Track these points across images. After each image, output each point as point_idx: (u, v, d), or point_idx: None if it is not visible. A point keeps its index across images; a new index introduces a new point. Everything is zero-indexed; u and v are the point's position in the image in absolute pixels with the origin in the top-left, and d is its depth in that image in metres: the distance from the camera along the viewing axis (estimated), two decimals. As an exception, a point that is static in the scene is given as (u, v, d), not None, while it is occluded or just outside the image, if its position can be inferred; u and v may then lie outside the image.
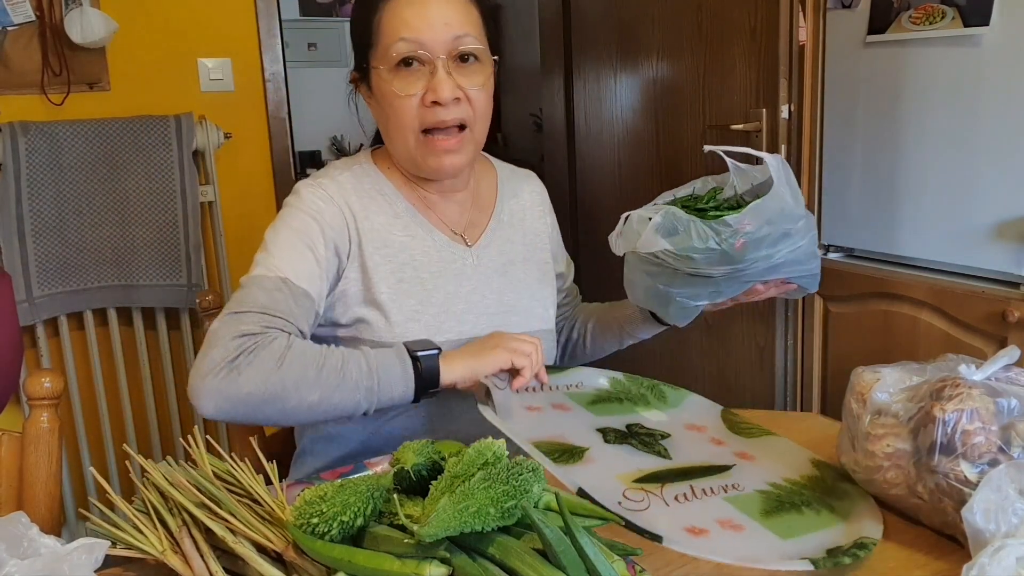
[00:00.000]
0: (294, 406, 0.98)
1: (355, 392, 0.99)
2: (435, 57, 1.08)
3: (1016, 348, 0.86)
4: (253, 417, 0.98)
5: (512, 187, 1.31)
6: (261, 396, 0.96)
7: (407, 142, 1.13)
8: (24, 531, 0.76)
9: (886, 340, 2.02)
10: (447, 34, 1.08)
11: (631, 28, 2.57)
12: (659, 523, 0.80)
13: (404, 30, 1.08)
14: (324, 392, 0.98)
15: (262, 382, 0.96)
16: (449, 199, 1.21)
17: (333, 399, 0.99)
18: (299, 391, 0.97)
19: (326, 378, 0.98)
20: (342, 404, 1.00)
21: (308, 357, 0.99)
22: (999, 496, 0.71)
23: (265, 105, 2.46)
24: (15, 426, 1.01)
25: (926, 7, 1.83)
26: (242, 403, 0.96)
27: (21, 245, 2.13)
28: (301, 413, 0.99)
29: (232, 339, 0.97)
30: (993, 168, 1.77)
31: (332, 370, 0.99)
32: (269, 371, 0.96)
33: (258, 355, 0.96)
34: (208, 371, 0.95)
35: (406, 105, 1.09)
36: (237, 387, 0.95)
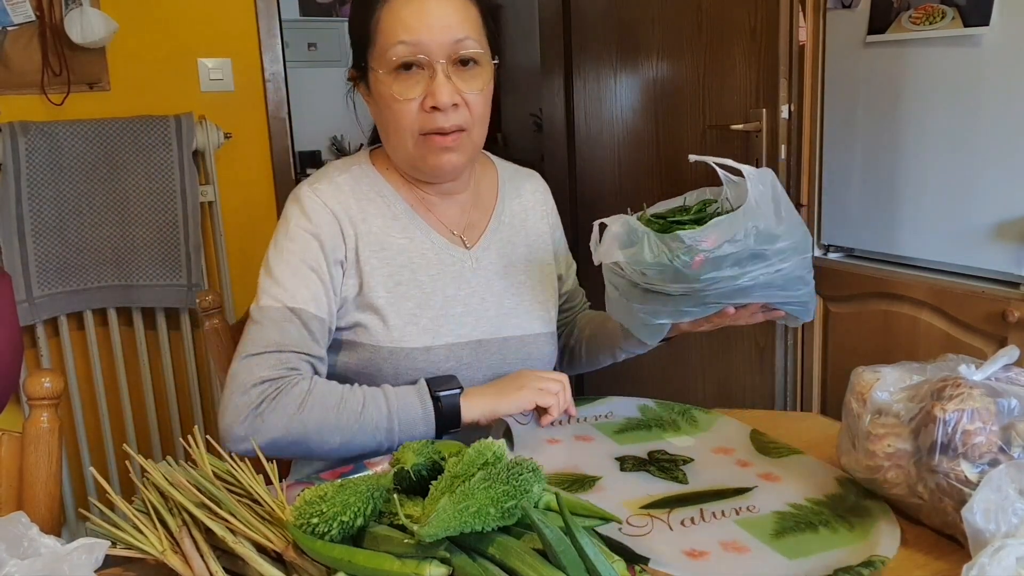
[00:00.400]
0: (316, 447, 1.02)
1: (375, 433, 1.03)
2: (435, 61, 1.06)
3: (1016, 348, 0.85)
4: (280, 455, 1.04)
5: (514, 187, 1.29)
6: (286, 441, 1.01)
7: (405, 144, 1.11)
8: (24, 531, 0.76)
9: (886, 340, 2.02)
10: (447, 36, 1.06)
11: (631, 28, 2.57)
12: (657, 547, 0.80)
13: (403, 32, 1.05)
14: (344, 436, 1.02)
15: (284, 428, 1.00)
16: (449, 200, 1.20)
17: (354, 441, 1.03)
18: (320, 435, 1.01)
19: (346, 422, 1.02)
20: (363, 445, 1.03)
21: (328, 401, 1.02)
22: (999, 496, 0.71)
23: (265, 105, 2.46)
24: (15, 426, 1.01)
25: (926, 7, 1.83)
26: (269, 447, 1.00)
27: (21, 245, 2.13)
28: (324, 454, 1.04)
29: (253, 386, 1.01)
30: (993, 168, 1.77)
31: (352, 414, 1.02)
32: (291, 417, 1.00)
33: (280, 401, 1.00)
34: (233, 420, 1.00)
35: (405, 109, 1.08)
36: (262, 434, 1.00)
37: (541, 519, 0.67)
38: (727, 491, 0.92)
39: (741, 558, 0.79)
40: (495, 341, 1.17)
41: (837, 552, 0.79)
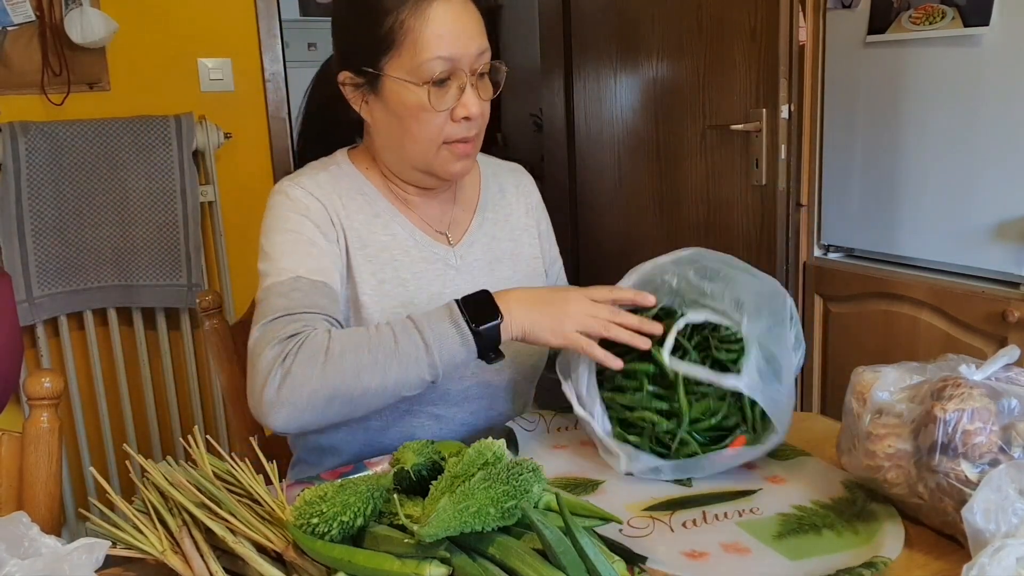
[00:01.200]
0: (359, 395, 0.95)
1: (417, 367, 0.96)
2: (464, 74, 1.06)
3: (1016, 348, 0.85)
4: (324, 417, 0.96)
5: (497, 182, 1.29)
6: (323, 394, 0.94)
7: (425, 153, 1.10)
8: (25, 531, 0.76)
9: (886, 340, 2.02)
10: (474, 49, 1.06)
11: (631, 28, 2.57)
12: (657, 548, 0.80)
13: (442, 46, 1.04)
14: (384, 374, 0.95)
15: (318, 379, 0.93)
16: (431, 198, 1.19)
17: (395, 379, 0.95)
18: (358, 378, 0.94)
19: (383, 359, 0.95)
20: (406, 381, 0.96)
21: (356, 342, 0.96)
22: (999, 496, 0.71)
23: (265, 105, 2.46)
24: (15, 426, 1.01)
25: (926, 7, 1.83)
26: (308, 407, 0.94)
27: (21, 245, 2.13)
28: (369, 400, 0.96)
29: (270, 348, 0.95)
30: (993, 168, 1.77)
31: (386, 351, 0.95)
32: (322, 365, 0.93)
33: (304, 352, 0.94)
34: (262, 386, 0.94)
35: (435, 119, 1.07)
36: (296, 392, 0.93)
37: (541, 519, 0.67)
38: (730, 493, 0.92)
39: (741, 559, 0.79)
40: None
41: (840, 555, 0.79)
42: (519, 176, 1.33)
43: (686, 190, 2.44)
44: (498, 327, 0.97)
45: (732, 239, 2.29)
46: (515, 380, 1.20)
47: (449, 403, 1.15)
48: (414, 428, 1.15)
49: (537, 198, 1.34)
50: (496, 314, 0.97)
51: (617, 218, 2.77)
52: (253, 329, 1.01)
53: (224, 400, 1.95)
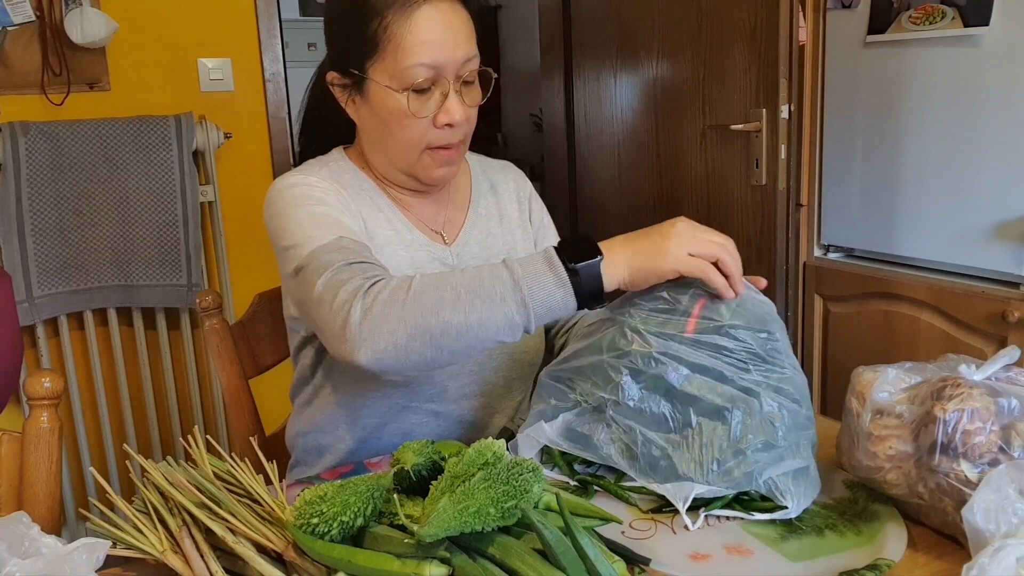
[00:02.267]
0: (440, 333, 0.88)
1: (503, 306, 0.88)
2: (448, 80, 1.05)
3: (1016, 348, 0.85)
4: (408, 356, 0.90)
5: (487, 179, 1.29)
6: (404, 332, 0.88)
7: (408, 156, 1.10)
8: (25, 531, 0.76)
9: (886, 340, 2.02)
10: (459, 56, 1.05)
11: (631, 28, 2.57)
12: (660, 551, 0.80)
13: (425, 53, 1.03)
14: (467, 312, 0.88)
15: (397, 316, 0.88)
16: (424, 199, 1.19)
17: (478, 317, 0.88)
18: (438, 314, 0.88)
19: (466, 297, 0.88)
20: (492, 321, 0.88)
21: (440, 280, 0.90)
22: (999, 496, 0.71)
23: (265, 105, 2.46)
24: (15, 426, 1.01)
25: (926, 7, 1.83)
26: (391, 345, 0.88)
27: (21, 245, 2.13)
28: (452, 341, 0.89)
29: (349, 284, 0.91)
30: (993, 168, 1.77)
31: (470, 288, 0.89)
32: (400, 302, 0.89)
33: (385, 291, 0.90)
34: (342, 324, 0.90)
35: (418, 125, 1.06)
36: (377, 328, 0.88)
37: (541, 520, 0.67)
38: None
39: (744, 561, 0.79)
40: None
41: (842, 556, 0.79)
42: (508, 172, 1.33)
43: (686, 190, 2.44)
44: (599, 265, 0.89)
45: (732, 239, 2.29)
46: (513, 378, 1.20)
47: (447, 400, 1.15)
48: (412, 425, 1.15)
49: (529, 190, 1.33)
50: (596, 252, 0.89)
51: (617, 218, 2.76)
52: (312, 285, 0.96)
53: (224, 400, 1.95)
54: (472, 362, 1.15)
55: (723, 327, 0.89)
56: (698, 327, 0.89)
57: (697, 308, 0.89)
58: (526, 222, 1.30)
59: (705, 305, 0.90)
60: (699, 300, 0.90)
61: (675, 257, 0.89)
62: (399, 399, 1.13)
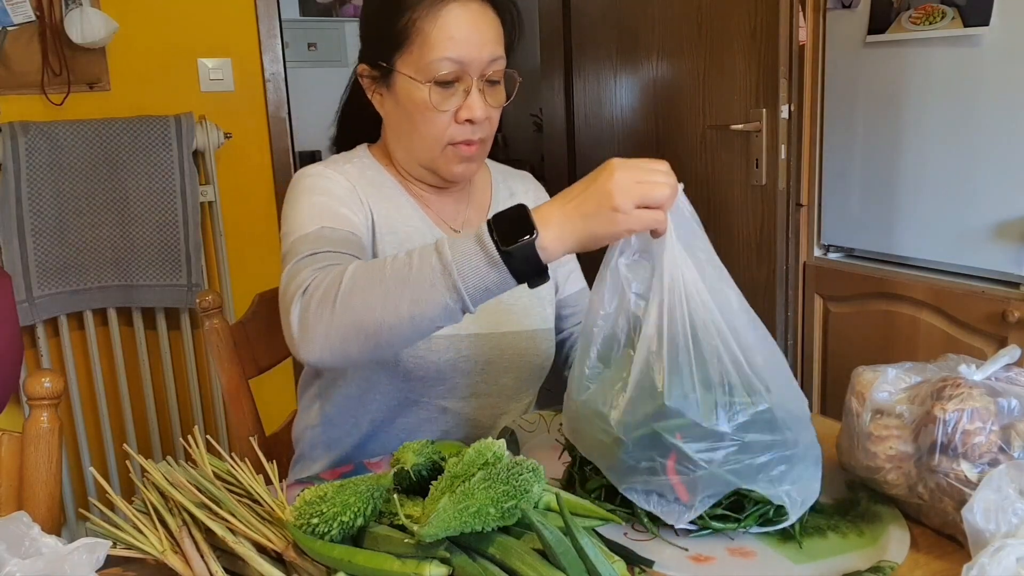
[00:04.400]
0: (375, 331, 0.87)
1: (433, 292, 0.84)
2: (471, 77, 1.08)
3: (1016, 348, 0.85)
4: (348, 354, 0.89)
5: (507, 186, 1.31)
6: (338, 333, 0.87)
7: (430, 150, 1.12)
8: (26, 531, 0.75)
9: (886, 340, 2.02)
10: (485, 55, 1.07)
11: (631, 28, 2.57)
12: (662, 552, 0.80)
13: (451, 48, 1.06)
14: (397, 305, 0.85)
15: (330, 317, 0.87)
16: (444, 196, 1.21)
17: (410, 309, 0.85)
18: (371, 313, 0.86)
19: (395, 289, 0.85)
20: (426, 311, 0.85)
21: (370, 274, 0.88)
22: (999, 496, 0.71)
23: (265, 105, 2.46)
24: (15, 426, 1.01)
25: (926, 7, 1.83)
26: (328, 346, 0.88)
27: (21, 245, 2.13)
28: (388, 336, 0.87)
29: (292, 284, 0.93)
30: (993, 168, 1.77)
31: (398, 279, 0.86)
32: (331, 303, 0.88)
33: (319, 290, 0.90)
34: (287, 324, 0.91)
35: (440, 119, 1.09)
36: (314, 330, 0.88)
37: (540, 521, 0.67)
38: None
39: (747, 563, 0.79)
40: (493, 336, 1.17)
41: (845, 558, 0.79)
42: (528, 182, 1.35)
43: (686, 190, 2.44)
44: (532, 245, 0.82)
45: (732, 239, 2.29)
46: (523, 379, 1.21)
47: (456, 397, 1.15)
48: (420, 420, 1.15)
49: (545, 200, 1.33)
50: (529, 228, 0.83)
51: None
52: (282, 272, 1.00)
53: (224, 400, 1.94)
54: (483, 361, 1.16)
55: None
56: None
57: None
58: None
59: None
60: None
61: (626, 218, 0.81)
62: (409, 393, 1.14)
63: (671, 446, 0.80)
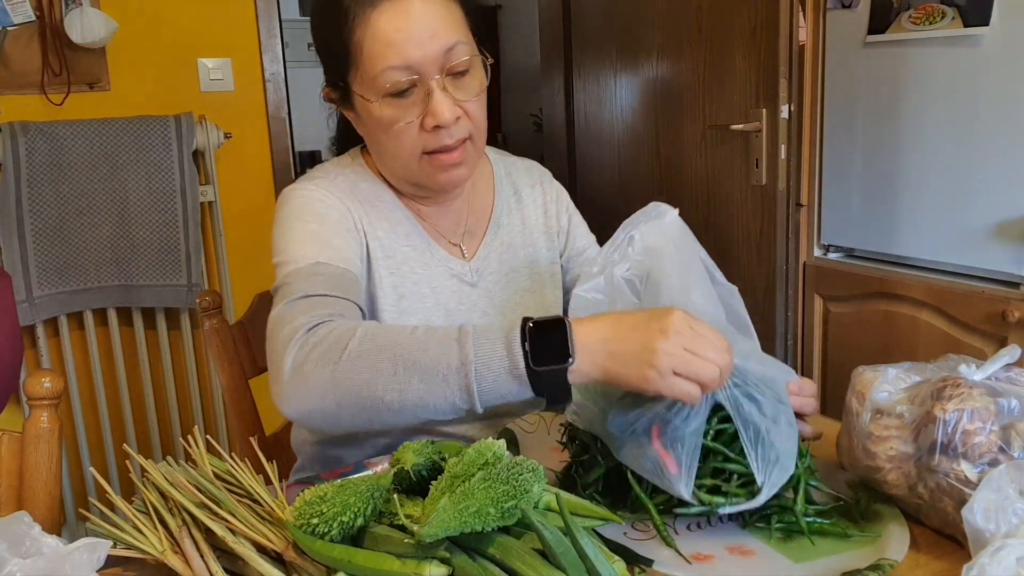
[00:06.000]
0: (371, 407, 0.82)
1: (444, 388, 0.79)
2: (429, 78, 0.96)
3: (1016, 348, 0.85)
4: (335, 421, 0.84)
5: (511, 183, 1.23)
6: (333, 398, 0.82)
7: (408, 167, 1.04)
8: (26, 530, 0.76)
9: (886, 340, 2.02)
10: (436, 47, 0.95)
11: (631, 28, 2.57)
12: (662, 552, 0.80)
13: (391, 55, 0.94)
14: (403, 389, 0.80)
15: (329, 381, 0.82)
16: (444, 209, 1.13)
17: (415, 397, 0.80)
18: (372, 388, 0.81)
19: (404, 371, 0.80)
20: (431, 402, 0.80)
21: (381, 343, 0.81)
22: (999, 496, 0.71)
23: (265, 105, 2.46)
24: (15, 426, 1.01)
25: (926, 7, 1.83)
26: (318, 408, 0.83)
27: (21, 245, 2.13)
28: (385, 416, 0.82)
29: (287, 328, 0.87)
30: (993, 168, 1.77)
31: (410, 361, 0.80)
32: (332, 365, 0.82)
33: (321, 345, 0.83)
34: (276, 373, 0.86)
35: (404, 133, 0.99)
36: (306, 389, 0.83)
37: (540, 521, 0.67)
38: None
39: (746, 562, 0.79)
40: None
41: (845, 556, 0.79)
42: (534, 173, 1.25)
43: (686, 190, 2.44)
44: (565, 372, 0.77)
45: (732, 239, 2.29)
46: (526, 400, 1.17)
47: (460, 422, 1.11)
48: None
49: (555, 191, 1.26)
50: (565, 353, 0.77)
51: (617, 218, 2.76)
52: (273, 309, 0.93)
53: (224, 400, 1.94)
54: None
55: None
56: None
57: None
58: (552, 229, 1.24)
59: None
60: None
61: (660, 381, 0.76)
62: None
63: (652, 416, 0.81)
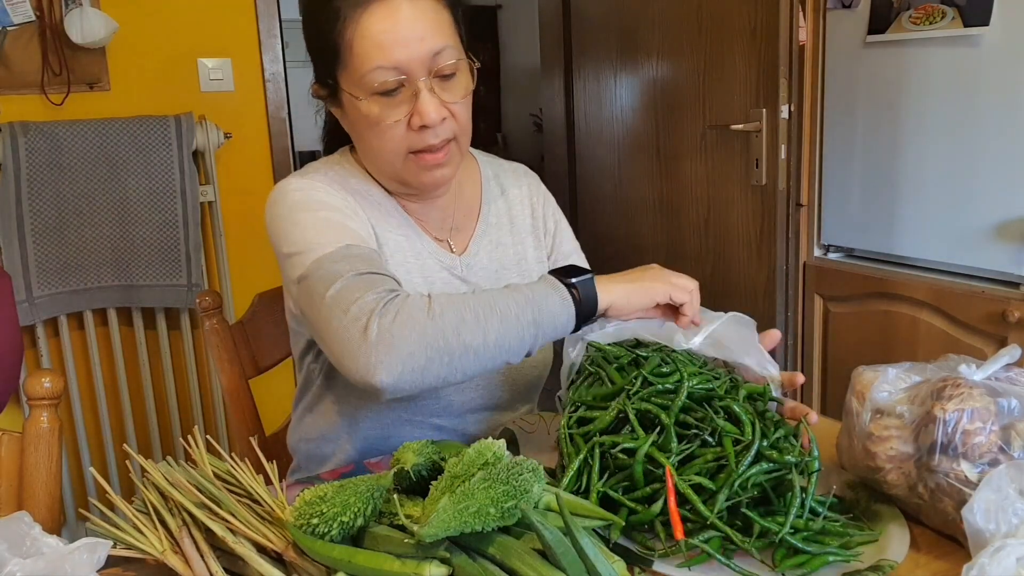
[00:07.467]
0: (460, 354, 0.89)
1: (518, 327, 0.91)
2: (416, 79, 0.99)
3: (1016, 348, 0.85)
4: (424, 377, 0.89)
5: (498, 184, 1.24)
6: (423, 354, 0.87)
7: (392, 164, 1.06)
8: (27, 530, 0.76)
9: (886, 340, 2.02)
10: (424, 50, 0.98)
11: (631, 28, 2.57)
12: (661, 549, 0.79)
13: (379, 56, 0.97)
14: (485, 332, 0.90)
15: (419, 337, 0.87)
16: (430, 205, 1.15)
17: (496, 336, 0.90)
18: (459, 336, 0.88)
19: (484, 316, 0.90)
20: (507, 342, 0.91)
21: (456, 301, 0.91)
22: (999, 496, 0.71)
23: (265, 105, 2.46)
24: (15, 426, 1.01)
25: (926, 7, 1.83)
26: (409, 367, 0.87)
27: (21, 245, 2.13)
28: (468, 362, 0.90)
29: (358, 306, 0.89)
30: (993, 168, 1.77)
31: (487, 309, 0.90)
32: (421, 324, 0.88)
33: (404, 311, 0.88)
34: (358, 343, 0.87)
35: (391, 131, 1.01)
36: (396, 350, 0.86)
37: (540, 521, 0.67)
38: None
39: (747, 562, 0.79)
40: None
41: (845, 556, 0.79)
42: (521, 176, 1.28)
43: (686, 190, 2.45)
44: (592, 281, 0.95)
45: (732, 239, 2.29)
46: (518, 392, 1.18)
47: (451, 414, 1.13)
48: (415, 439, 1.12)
49: (543, 195, 1.28)
50: (587, 271, 0.97)
51: (617, 218, 2.77)
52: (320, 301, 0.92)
53: (224, 400, 1.95)
54: (478, 377, 1.12)
55: None
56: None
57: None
58: (539, 230, 1.26)
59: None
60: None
61: (663, 287, 0.97)
62: (402, 412, 1.11)
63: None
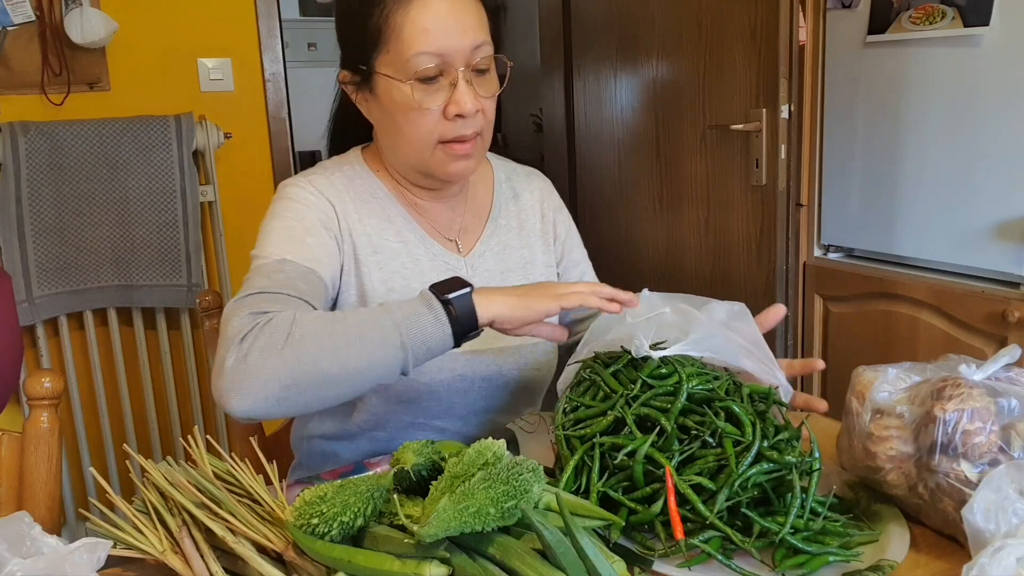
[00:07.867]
0: (318, 383, 0.87)
1: (383, 351, 0.88)
2: (455, 69, 1.02)
3: (1016, 348, 0.85)
4: (282, 406, 0.87)
5: (510, 186, 1.25)
6: (278, 383, 0.85)
7: (421, 152, 1.07)
8: (27, 530, 0.76)
9: (886, 340, 2.02)
10: (467, 43, 1.01)
11: (631, 28, 2.57)
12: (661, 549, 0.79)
13: (425, 42, 1.00)
14: (345, 360, 0.87)
15: (273, 366, 0.85)
16: (441, 203, 1.16)
17: (358, 365, 0.87)
18: (318, 365, 0.86)
19: (344, 344, 0.87)
20: (372, 368, 0.88)
21: (319, 327, 0.88)
22: (999, 496, 0.71)
23: (265, 105, 2.46)
24: (15, 426, 1.01)
25: (926, 7, 1.83)
26: (263, 396, 0.85)
27: (21, 245, 2.13)
28: (328, 390, 0.88)
29: (234, 327, 0.88)
30: (993, 168, 1.77)
31: (349, 335, 0.88)
32: (278, 351, 0.85)
33: (263, 336, 0.87)
34: (218, 370, 0.87)
35: (426, 117, 1.03)
36: (250, 378, 0.85)
37: (540, 521, 0.67)
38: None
39: (748, 561, 0.79)
40: (490, 351, 1.13)
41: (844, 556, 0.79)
42: (534, 181, 1.28)
43: (686, 190, 2.44)
44: (470, 296, 0.90)
45: (732, 239, 2.29)
46: (522, 395, 1.18)
47: (454, 417, 1.13)
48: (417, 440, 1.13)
49: (555, 202, 1.29)
50: (466, 286, 0.92)
51: (617, 218, 2.77)
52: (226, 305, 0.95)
53: (224, 400, 1.94)
54: (481, 380, 1.12)
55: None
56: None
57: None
58: (548, 235, 1.25)
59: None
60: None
61: (555, 294, 0.93)
62: (404, 415, 1.11)
63: None
